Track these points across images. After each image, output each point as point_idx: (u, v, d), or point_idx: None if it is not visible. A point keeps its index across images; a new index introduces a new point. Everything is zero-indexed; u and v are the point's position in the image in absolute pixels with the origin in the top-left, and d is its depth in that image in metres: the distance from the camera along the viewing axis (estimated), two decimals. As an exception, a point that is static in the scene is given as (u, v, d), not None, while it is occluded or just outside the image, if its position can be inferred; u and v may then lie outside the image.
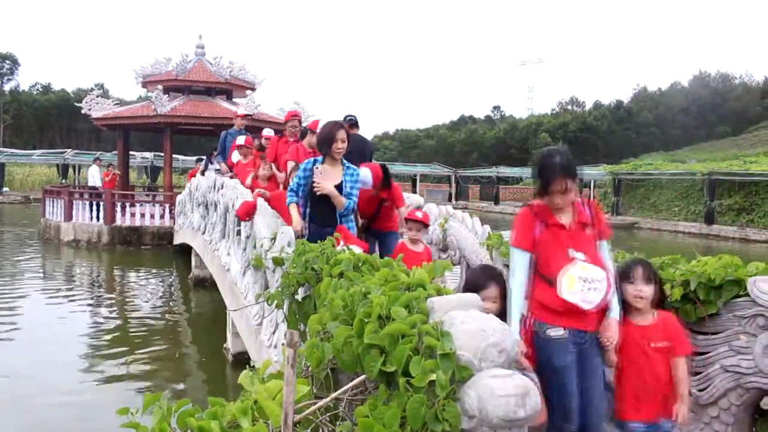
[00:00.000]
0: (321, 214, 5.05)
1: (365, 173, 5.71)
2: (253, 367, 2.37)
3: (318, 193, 4.94)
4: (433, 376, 1.94)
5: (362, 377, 2.13)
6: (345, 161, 5.16)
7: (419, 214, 5.35)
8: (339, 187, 5.05)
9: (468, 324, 2.09)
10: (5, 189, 44.48)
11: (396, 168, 51.67)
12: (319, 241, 3.77)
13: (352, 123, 7.21)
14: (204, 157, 15.94)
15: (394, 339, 2.12)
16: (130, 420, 1.88)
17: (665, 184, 35.34)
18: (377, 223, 6.29)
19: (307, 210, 5.15)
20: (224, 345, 9.17)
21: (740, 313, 3.32)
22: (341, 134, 5.01)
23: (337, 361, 2.33)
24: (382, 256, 3.92)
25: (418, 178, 53.10)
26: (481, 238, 5.92)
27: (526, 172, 55.98)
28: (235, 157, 10.51)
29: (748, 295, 3.29)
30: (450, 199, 50.45)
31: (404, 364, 2.03)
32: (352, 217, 5.24)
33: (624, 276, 3.28)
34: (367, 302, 2.39)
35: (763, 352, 3.15)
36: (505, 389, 1.90)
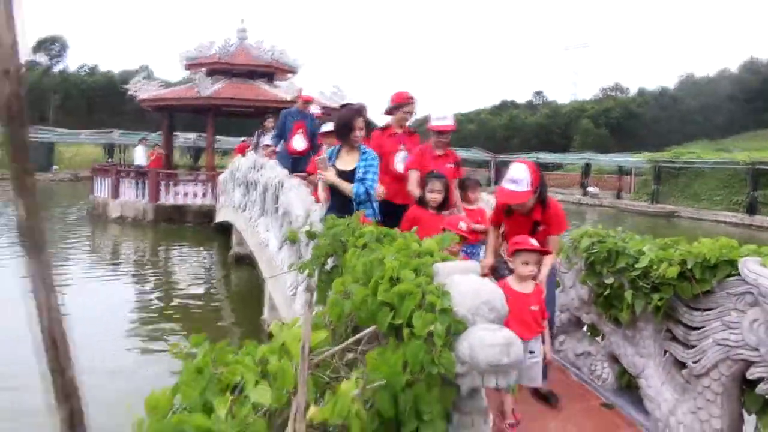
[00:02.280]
0: (339, 203, 5.07)
1: (518, 169, 4.23)
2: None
3: (322, 183, 5.04)
4: (432, 328, 2.29)
5: (373, 327, 2.49)
6: (362, 146, 5.22)
7: (534, 242, 4.01)
8: (354, 172, 5.08)
9: (465, 285, 2.44)
10: (55, 167, 45.98)
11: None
12: (346, 216, 4.14)
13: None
14: (256, 132, 14.96)
15: (402, 297, 2.47)
16: (179, 353, 2.27)
17: (707, 173, 34.89)
18: None
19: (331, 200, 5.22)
20: (261, 317, 9.66)
21: (732, 290, 3.58)
22: (360, 122, 5.09)
23: (356, 316, 2.69)
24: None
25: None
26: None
27: (567, 158, 55.71)
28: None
29: (739, 274, 3.55)
30: (488, 184, 50.50)
31: (409, 318, 2.38)
32: (372, 203, 5.07)
33: None
34: (383, 267, 2.75)
35: (749, 327, 3.41)
36: (493, 340, 2.24)
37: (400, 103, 6.44)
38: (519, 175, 4.19)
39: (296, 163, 9.51)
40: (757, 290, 3.35)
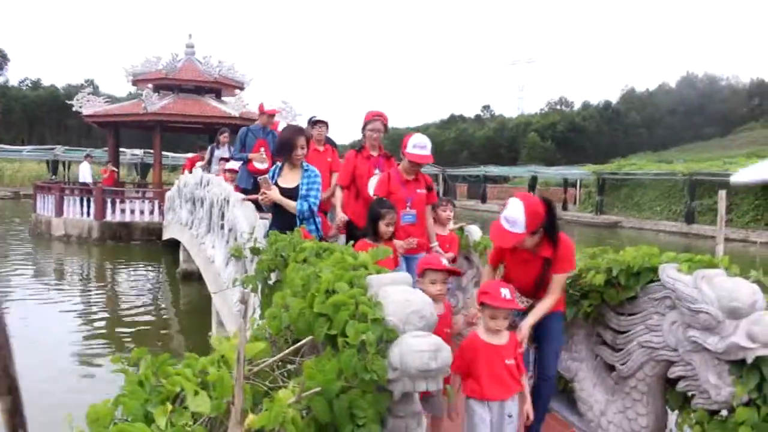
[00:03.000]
0: (281, 220, 5.11)
1: (515, 208, 3.65)
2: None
3: (264, 203, 5.13)
4: (365, 336, 2.42)
5: (309, 338, 2.60)
6: (304, 163, 5.30)
7: (506, 293, 3.35)
8: (297, 189, 5.16)
9: (397, 296, 2.58)
10: (-5, 185, 44.66)
11: (385, 166, 52.08)
12: (287, 232, 4.26)
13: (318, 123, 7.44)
14: (210, 147, 13.75)
15: (337, 308, 2.59)
16: (121, 367, 2.35)
17: (648, 184, 35.99)
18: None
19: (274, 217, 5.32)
20: (209, 333, 9.63)
21: (653, 295, 3.81)
22: (302, 141, 5.18)
23: (293, 328, 2.80)
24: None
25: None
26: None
27: (513, 171, 56.75)
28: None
29: (659, 280, 3.77)
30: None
31: (343, 328, 2.51)
32: (314, 219, 5.18)
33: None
34: (319, 280, 2.86)
35: (669, 329, 3.63)
36: (421, 346, 2.38)
37: (366, 121, 6.04)
38: (514, 215, 3.66)
39: (258, 184, 8.71)
40: (674, 294, 3.57)
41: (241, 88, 25.12)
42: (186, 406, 2.20)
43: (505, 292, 3.36)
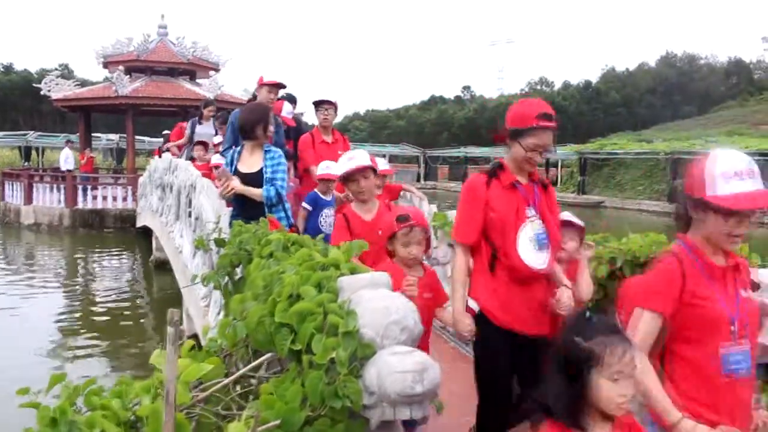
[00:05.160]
0: (247, 210, 4.54)
1: None
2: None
3: (227, 196, 4.60)
4: (334, 354, 1.98)
5: (268, 355, 2.17)
6: (266, 144, 4.73)
7: None
8: (260, 173, 4.60)
9: (373, 302, 2.13)
10: (-34, 172, 43.54)
11: (366, 149, 51.56)
12: (252, 223, 3.79)
13: (292, 100, 6.86)
14: (190, 121, 10.88)
15: (302, 317, 2.15)
16: (31, 400, 1.89)
17: (630, 163, 35.89)
18: None
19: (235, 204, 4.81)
20: (181, 327, 9.18)
21: (662, 289, 3.41)
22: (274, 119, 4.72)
23: (251, 339, 2.35)
24: None
25: (387, 158, 52.95)
26: (428, 217, 5.97)
27: (494, 151, 56.41)
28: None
29: (669, 271, 3.37)
30: (418, 180, 50.70)
31: (308, 342, 2.06)
32: (283, 205, 4.62)
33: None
34: (282, 282, 2.41)
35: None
36: (403, 366, 1.93)
37: (530, 126, 2.86)
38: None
39: None
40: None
41: (216, 70, 24.46)
42: (111, 449, 1.75)
43: None
